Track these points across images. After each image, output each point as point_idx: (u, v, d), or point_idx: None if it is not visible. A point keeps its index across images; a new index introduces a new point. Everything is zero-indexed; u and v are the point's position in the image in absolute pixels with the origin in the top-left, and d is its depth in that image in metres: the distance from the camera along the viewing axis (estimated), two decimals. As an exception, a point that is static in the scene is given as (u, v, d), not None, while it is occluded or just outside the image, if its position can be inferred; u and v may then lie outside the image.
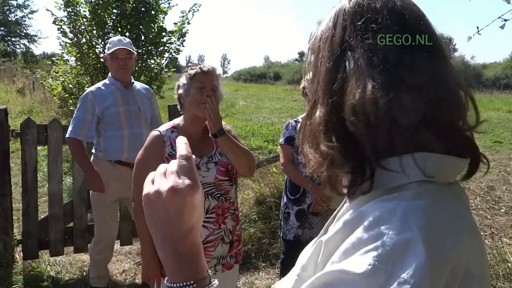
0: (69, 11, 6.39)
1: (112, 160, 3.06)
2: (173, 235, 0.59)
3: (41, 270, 3.41)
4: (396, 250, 0.49)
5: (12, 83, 15.67)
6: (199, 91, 1.93)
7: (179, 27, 6.96)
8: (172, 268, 0.59)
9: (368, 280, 0.49)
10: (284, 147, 2.88)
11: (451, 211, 0.56)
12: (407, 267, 0.48)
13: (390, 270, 0.48)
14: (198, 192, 0.59)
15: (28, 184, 3.40)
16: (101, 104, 3.01)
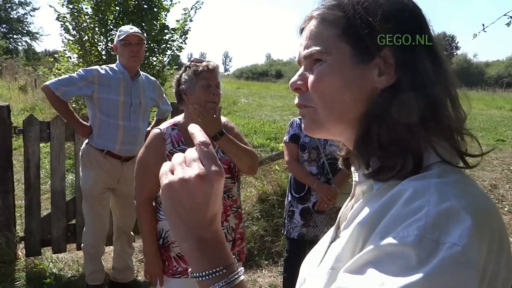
0: (72, 8, 6.39)
1: (104, 150, 3.00)
2: (198, 223, 0.58)
3: (44, 267, 3.41)
4: (440, 219, 0.50)
5: (14, 81, 15.68)
6: (205, 89, 1.91)
7: (181, 24, 6.96)
8: (199, 257, 0.57)
9: (415, 250, 0.49)
10: (289, 145, 2.86)
11: (473, 186, 0.59)
12: (454, 233, 0.49)
13: (436, 238, 0.49)
14: (223, 178, 0.58)
15: (30, 181, 3.39)
16: (102, 87, 2.94)
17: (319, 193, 2.71)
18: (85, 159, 3.05)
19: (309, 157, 2.79)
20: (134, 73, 3.09)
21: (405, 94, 0.60)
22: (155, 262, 1.96)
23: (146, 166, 1.95)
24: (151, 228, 1.97)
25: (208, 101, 1.90)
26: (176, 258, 1.94)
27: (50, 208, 3.60)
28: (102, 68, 3.03)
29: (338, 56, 0.65)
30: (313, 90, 0.67)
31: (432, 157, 0.61)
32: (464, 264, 0.48)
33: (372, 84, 0.64)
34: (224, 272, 0.56)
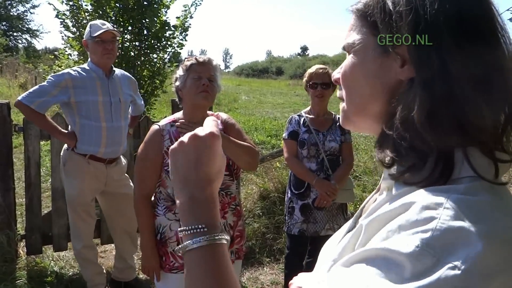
0: (71, 4, 6.37)
1: (87, 154, 2.87)
2: (192, 181, 0.63)
3: (45, 265, 3.40)
4: (448, 236, 0.47)
5: (14, 78, 15.65)
6: (196, 81, 1.93)
7: (182, 21, 6.93)
8: (187, 214, 0.63)
9: (413, 261, 0.46)
10: (288, 141, 2.86)
11: (503, 211, 0.52)
12: (459, 254, 0.45)
13: (438, 255, 0.46)
14: (218, 140, 0.65)
15: (31, 179, 3.38)
16: (77, 90, 2.79)
17: (318, 189, 2.71)
18: (68, 167, 2.92)
19: (308, 154, 2.79)
20: (108, 70, 2.97)
21: (426, 91, 0.56)
22: (153, 257, 1.96)
23: (145, 162, 1.97)
24: (149, 223, 1.98)
25: (198, 92, 1.90)
26: (173, 253, 1.94)
27: (51, 206, 3.59)
28: (73, 70, 2.89)
29: (363, 48, 0.65)
30: (341, 81, 0.69)
31: (464, 169, 0.55)
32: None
33: (395, 76, 0.61)
34: (205, 230, 0.61)
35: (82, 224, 3.00)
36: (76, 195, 2.92)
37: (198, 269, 0.60)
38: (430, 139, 0.55)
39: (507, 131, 0.57)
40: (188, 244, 0.61)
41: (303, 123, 2.84)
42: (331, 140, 2.78)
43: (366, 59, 0.64)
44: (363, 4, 0.66)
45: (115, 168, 3.02)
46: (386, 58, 0.62)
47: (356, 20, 0.67)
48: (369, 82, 0.64)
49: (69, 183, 2.94)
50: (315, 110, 2.87)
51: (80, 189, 2.91)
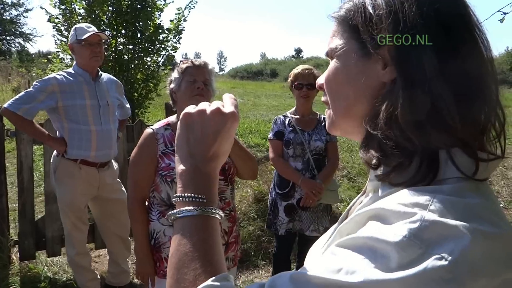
0: (64, 8, 6.35)
1: (78, 159, 2.84)
2: (201, 153, 0.65)
3: (38, 271, 3.37)
4: (436, 228, 0.47)
5: (7, 82, 15.56)
6: (191, 84, 1.92)
7: (176, 24, 6.94)
8: (188, 181, 0.64)
9: (400, 251, 0.46)
10: (273, 141, 2.87)
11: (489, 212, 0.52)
12: (446, 246, 0.45)
13: (426, 246, 0.46)
14: (237, 122, 0.67)
15: (24, 183, 3.36)
16: (64, 94, 2.75)
17: (304, 188, 2.72)
18: (59, 173, 2.88)
19: (294, 153, 2.80)
20: (95, 74, 2.93)
21: (409, 90, 0.56)
22: (147, 262, 1.94)
23: (138, 166, 1.95)
24: (143, 228, 1.95)
25: (192, 96, 1.89)
26: (167, 258, 1.92)
27: (44, 211, 3.56)
28: (60, 74, 2.85)
29: (345, 52, 0.65)
30: (325, 86, 0.70)
31: (449, 170, 0.55)
32: (447, 281, 0.44)
33: (378, 79, 0.61)
34: (204, 201, 0.62)
35: (76, 231, 2.96)
36: (69, 202, 2.88)
37: (190, 237, 0.60)
38: (413, 137, 0.55)
39: (487, 130, 0.58)
40: (184, 211, 0.62)
41: (289, 123, 2.86)
42: (317, 140, 2.80)
43: (348, 63, 0.65)
44: (344, 10, 0.66)
45: (107, 172, 3.00)
46: (368, 60, 0.62)
47: (337, 26, 0.68)
48: (353, 85, 0.64)
49: (61, 189, 2.90)
50: (300, 111, 2.88)
51: (73, 195, 2.87)
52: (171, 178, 1.87)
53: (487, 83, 0.58)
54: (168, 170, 1.87)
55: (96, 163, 2.91)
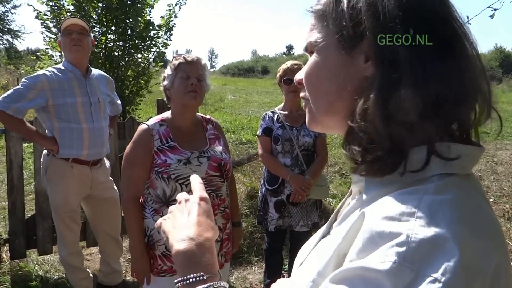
0: (52, 5, 6.27)
1: (70, 158, 2.77)
2: (199, 233, 0.66)
3: (29, 269, 3.35)
4: (424, 247, 0.45)
5: (-5, 79, 15.37)
6: (184, 81, 1.91)
7: (166, 20, 6.88)
8: (186, 263, 0.63)
9: (392, 278, 0.45)
10: (262, 138, 2.87)
11: (475, 206, 0.53)
12: (438, 265, 0.44)
13: (417, 268, 0.44)
14: (207, 201, 0.75)
15: (13, 182, 3.31)
16: (54, 92, 2.67)
17: (293, 184, 2.73)
18: (50, 172, 2.81)
19: (283, 149, 2.81)
20: (85, 69, 2.84)
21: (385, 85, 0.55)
22: (143, 260, 1.93)
23: (133, 162, 1.92)
24: (138, 225, 1.93)
25: (186, 92, 1.88)
26: (161, 256, 1.91)
27: (34, 209, 3.53)
28: (49, 71, 2.75)
29: (325, 45, 0.64)
30: (304, 82, 0.68)
31: (433, 167, 0.54)
32: None
33: (359, 73, 0.60)
34: (205, 278, 0.61)
35: (68, 231, 2.91)
36: (62, 202, 2.82)
37: None
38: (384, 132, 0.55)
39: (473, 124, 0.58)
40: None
41: (277, 119, 2.86)
42: (305, 135, 2.80)
43: (329, 57, 0.63)
44: (321, 4, 0.65)
45: (99, 170, 2.97)
46: (349, 54, 0.60)
47: (315, 20, 0.66)
48: (334, 80, 0.62)
49: (52, 190, 2.84)
50: (289, 106, 2.88)
51: (65, 195, 2.82)
52: (167, 174, 1.86)
53: (471, 78, 0.56)
54: (165, 166, 1.86)
55: (89, 161, 2.86)
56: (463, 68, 0.56)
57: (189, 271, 0.61)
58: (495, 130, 0.63)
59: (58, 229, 2.94)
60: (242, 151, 6.70)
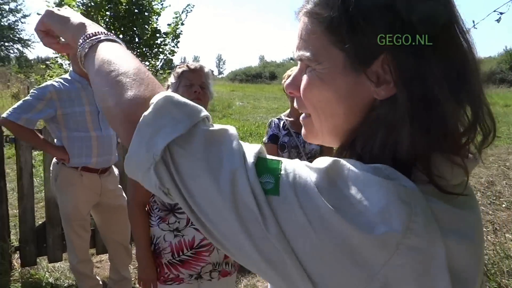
0: (62, 14, 6.35)
1: (79, 166, 2.80)
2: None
3: (40, 277, 3.36)
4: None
5: (6, 88, 15.58)
6: (188, 88, 1.92)
7: (173, 28, 6.94)
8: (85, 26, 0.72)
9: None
10: (268, 145, 2.83)
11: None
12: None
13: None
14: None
15: (24, 190, 3.34)
16: (63, 102, 2.71)
17: None
18: (60, 181, 2.85)
19: (289, 157, 2.77)
20: None
21: (404, 110, 0.51)
22: (149, 268, 1.92)
23: None
24: (144, 233, 1.93)
25: (190, 100, 1.89)
26: (167, 264, 1.90)
27: (45, 217, 3.55)
28: (56, 81, 2.80)
29: (328, 64, 0.57)
30: (304, 99, 0.62)
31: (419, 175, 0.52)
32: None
33: (370, 95, 0.55)
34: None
35: (78, 239, 2.93)
36: (71, 211, 2.85)
37: (118, 49, 0.66)
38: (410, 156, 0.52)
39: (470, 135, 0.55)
40: (102, 35, 0.68)
41: (283, 126, 2.83)
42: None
43: (335, 76, 0.57)
44: (318, 4, 0.57)
45: (108, 177, 2.99)
46: (358, 76, 0.55)
47: (311, 25, 0.58)
48: (342, 101, 0.57)
49: (62, 198, 2.87)
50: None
51: (75, 203, 2.84)
52: None
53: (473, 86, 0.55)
54: None
55: (98, 169, 2.88)
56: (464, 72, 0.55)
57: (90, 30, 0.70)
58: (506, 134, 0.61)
59: (68, 236, 2.96)
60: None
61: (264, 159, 0.53)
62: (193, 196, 0.51)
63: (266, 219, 0.47)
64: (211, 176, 0.50)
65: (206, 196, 0.50)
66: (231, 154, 0.51)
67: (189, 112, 0.54)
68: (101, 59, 0.63)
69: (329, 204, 0.46)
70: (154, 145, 0.51)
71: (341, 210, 0.45)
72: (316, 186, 0.48)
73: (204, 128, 0.53)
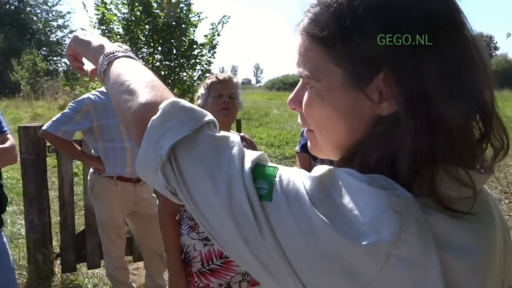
0: (103, 28, 6.61)
1: (114, 176, 2.90)
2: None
3: (79, 283, 3.47)
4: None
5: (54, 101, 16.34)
6: (216, 99, 1.95)
7: (210, 39, 7.06)
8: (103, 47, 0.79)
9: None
10: (300, 155, 2.81)
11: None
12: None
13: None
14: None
15: (65, 198, 3.48)
16: (99, 114, 2.81)
17: None
18: (96, 190, 2.95)
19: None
20: None
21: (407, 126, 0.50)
22: (180, 277, 1.93)
23: None
24: (175, 241, 1.95)
25: (219, 110, 1.91)
26: (197, 273, 1.91)
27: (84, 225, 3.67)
28: (93, 94, 2.91)
29: (327, 82, 0.56)
30: (306, 115, 0.62)
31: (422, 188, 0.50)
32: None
33: (373, 110, 0.54)
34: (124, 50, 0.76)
35: (113, 247, 3.03)
36: (107, 219, 2.95)
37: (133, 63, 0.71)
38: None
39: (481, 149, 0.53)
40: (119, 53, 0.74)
41: None
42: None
43: (335, 94, 0.56)
44: (313, 21, 0.57)
45: (143, 187, 3.05)
46: (359, 93, 0.54)
47: (308, 42, 0.58)
48: (344, 118, 0.57)
49: (98, 206, 2.97)
50: None
51: (110, 212, 2.94)
52: None
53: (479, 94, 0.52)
54: None
55: (132, 178, 2.96)
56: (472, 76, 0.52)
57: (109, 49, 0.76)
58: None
59: (104, 244, 3.05)
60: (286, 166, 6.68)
61: (262, 165, 0.54)
62: (194, 198, 0.53)
63: (260, 224, 0.48)
64: (209, 179, 0.52)
65: (205, 199, 0.52)
66: (231, 159, 0.53)
67: (194, 116, 0.57)
68: (117, 71, 0.69)
69: (320, 213, 0.46)
70: (161, 147, 0.54)
71: (332, 219, 0.45)
72: (309, 194, 0.48)
73: (208, 133, 0.56)
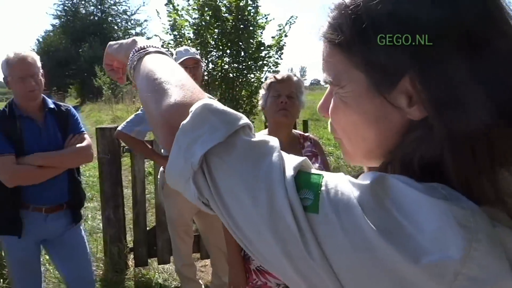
0: (175, 34, 6.88)
1: None
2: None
3: (150, 277, 3.63)
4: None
5: (132, 104, 17.32)
6: (275, 99, 1.94)
7: (277, 40, 7.08)
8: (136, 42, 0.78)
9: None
10: None
11: None
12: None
13: None
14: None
15: (137, 196, 3.66)
16: None
17: None
18: (166, 189, 3.05)
19: None
20: None
21: (441, 133, 0.46)
22: (240, 273, 1.96)
23: None
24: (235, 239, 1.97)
25: (277, 110, 1.91)
26: (255, 271, 1.92)
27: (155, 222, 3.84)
28: None
29: (351, 87, 0.53)
30: (333, 122, 0.59)
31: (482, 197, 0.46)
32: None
33: (402, 116, 0.51)
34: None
35: (182, 243, 3.14)
36: (176, 217, 3.07)
37: (164, 59, 0.69)
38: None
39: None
40: (150, 48, 0.73)
41: None
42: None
43: (358, 101, 0.53)
44: (331, 26, 0.54)
45: None
46: (386, 95, 0.51)
47: (329, 48, 0.55)
48: (371, 124, 0.53)
49: (168, 205, 3.10)
50: None
51: (179, 210, 3.05)
52: None
53: None
54: None
55: None
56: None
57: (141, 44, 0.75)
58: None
59: (173, 241, 3.17)
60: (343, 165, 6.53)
61: (305, 173, 0.49)
62: (229, 210, 0.50)
63: (306, 238, 0.44)
64: (247, 190, 0.47)
65: (242, 212, 0.48)
66: (270, 167, 0.48)
67: (228, 119, 0.52)
68: (147, 68, 0.66)
69: (373, 225, 0.41)
70: (192, 155, 0.50)
71: (388, 233, 0.41)
72: (360, 204, 0.43)
73: (244, 138, 0.51)
